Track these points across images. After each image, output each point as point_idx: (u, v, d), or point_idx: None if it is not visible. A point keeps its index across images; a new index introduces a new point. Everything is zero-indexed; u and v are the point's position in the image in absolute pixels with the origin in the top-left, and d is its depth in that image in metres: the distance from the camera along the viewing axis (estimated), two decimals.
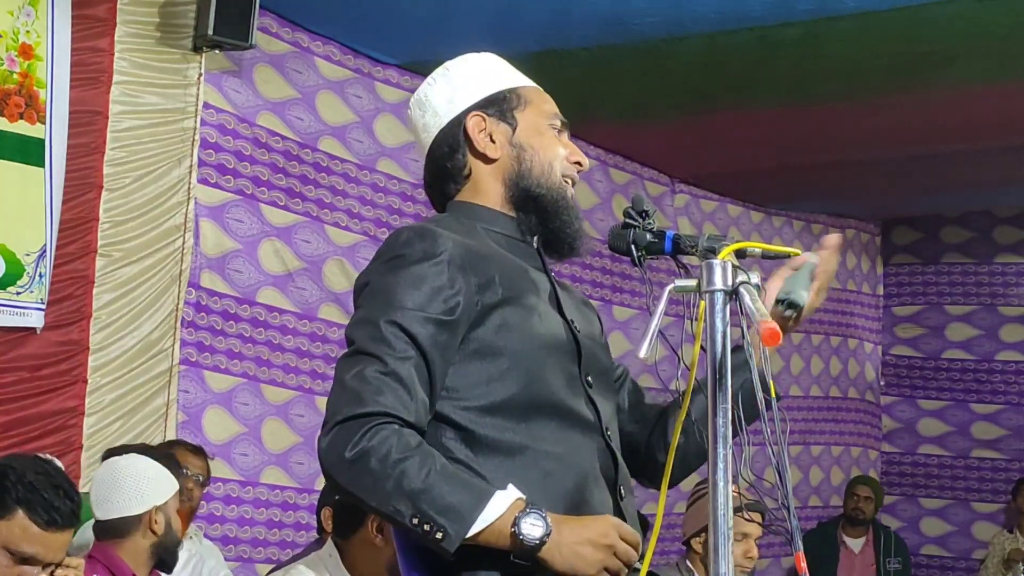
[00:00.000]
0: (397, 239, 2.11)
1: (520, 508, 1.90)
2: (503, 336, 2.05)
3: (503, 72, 2.32)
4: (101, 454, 4.36)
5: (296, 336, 5.62)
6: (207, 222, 5.26)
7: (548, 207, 2.21)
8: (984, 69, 5.82)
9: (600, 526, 1.94)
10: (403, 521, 1.89)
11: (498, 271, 2.08)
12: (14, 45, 4.51)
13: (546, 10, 5.21)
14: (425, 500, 1.87)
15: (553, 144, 2.25)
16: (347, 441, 1.91)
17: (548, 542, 1.89)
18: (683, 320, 1.95)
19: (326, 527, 4.16)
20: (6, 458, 3.23)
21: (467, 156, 2.24)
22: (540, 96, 2.30)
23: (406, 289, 2.02)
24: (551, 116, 2.27)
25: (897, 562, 7.96)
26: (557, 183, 2.22)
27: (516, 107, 2.25)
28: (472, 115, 2.24)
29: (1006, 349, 9.35)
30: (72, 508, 2.85)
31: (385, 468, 1.88)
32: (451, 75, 2.29)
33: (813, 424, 9.04)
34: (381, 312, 2.01)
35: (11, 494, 2.79)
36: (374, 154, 5.99)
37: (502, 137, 2.23)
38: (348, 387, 1.96)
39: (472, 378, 2.03)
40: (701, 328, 1.88)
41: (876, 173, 7.79)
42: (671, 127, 6.95)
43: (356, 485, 1.91)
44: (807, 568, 1.81)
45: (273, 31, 5.54)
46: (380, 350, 1.97)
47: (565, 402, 2.07)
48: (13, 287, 4.48)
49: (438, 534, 1.87)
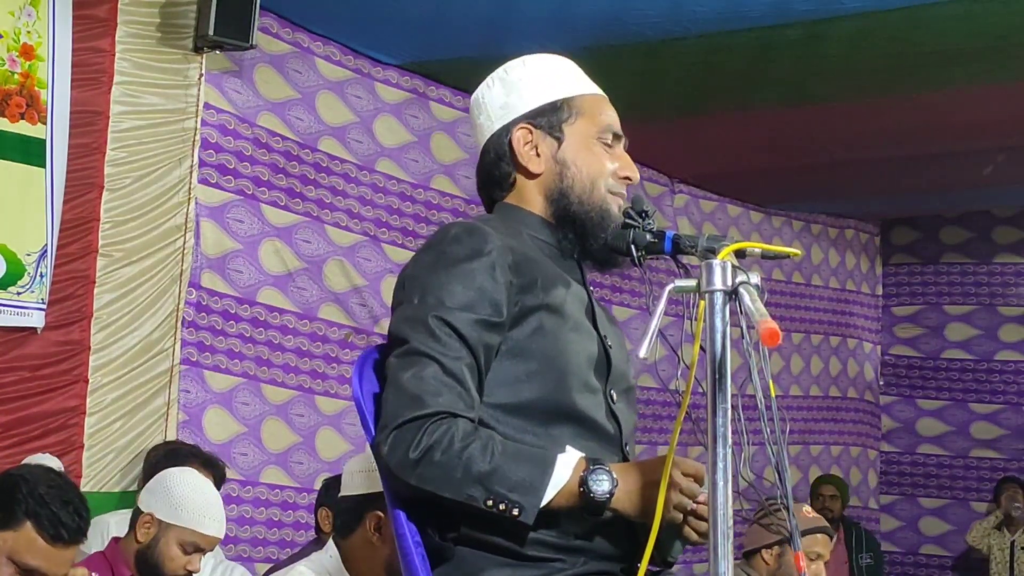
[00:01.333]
0: (447, 234, 2.11)
1: (584, 467, 1.95)
2: (537, 340, 2.06)
3: (560, 79, 2.27)
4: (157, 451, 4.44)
5: (296, 336, 5.62)
6: (208, 222, 5.26)
7: (587, 225, 2.18)
8: (984, 69, 5.82)
9: (661, 467, 1.97)
10: (478, 505, 1.92)
11: (540, 275, 2.10)
12: (15, 45, 4.51)
13: (545, 11, 5.22)
14: (496, 481, 1.91)
15: (599, 160, 2.21)
16: (409, 442, 1.93)
17: (616, 493, 1.94)
18: (683, 320, 1.95)
19: (323, 527, 4.16)
20: (19, 468, 3.24)
21: (512, 166, 2.23)
22: (596, 106, 2.25)
23: (455, 287, 2.03)
24: (603, 129, 2.23)
25: (869, 557, 8.00)
26: (599, 201, 2.18)
27: (566, 119, 2.22)
28: (519, 127, 2.22)
29: (1005, 349, 9.36)
30: (79, 524, 2.85)
31: (451, 458, 1.92)
32: (508, 79, 2.26)
33: (813, 424, 9.05)
34: (432, 309, 2.02)
35: (21, 506, 2.79)
36: (374, 154, 5.99)
37: (547, 151, 2.21)
38: (406, 389, 1.98)
39: (501, 377, 2.05)
40: (701, 328, 1.88)
41: (876, 173, 7.79)
42: (671, 127, 6.95)
43: (427, 480, 1.93)
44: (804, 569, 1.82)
45: (273, 31, 5.55)
46: (435, 350, 1.99)
47: (588, 412, 2.09)
48: (14, 287, 4.48)
49: (514, 511, 1.91)
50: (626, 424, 2.18)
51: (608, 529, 2.03)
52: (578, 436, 2.06)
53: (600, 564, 2.04)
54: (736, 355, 1.84)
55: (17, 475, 2.91)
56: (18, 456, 4.37)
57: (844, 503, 8.11)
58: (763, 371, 1.85)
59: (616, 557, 2.06)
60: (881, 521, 9.62)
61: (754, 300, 1.82)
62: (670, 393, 2.18)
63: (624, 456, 2.15)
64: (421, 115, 6.19)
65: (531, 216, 2.22)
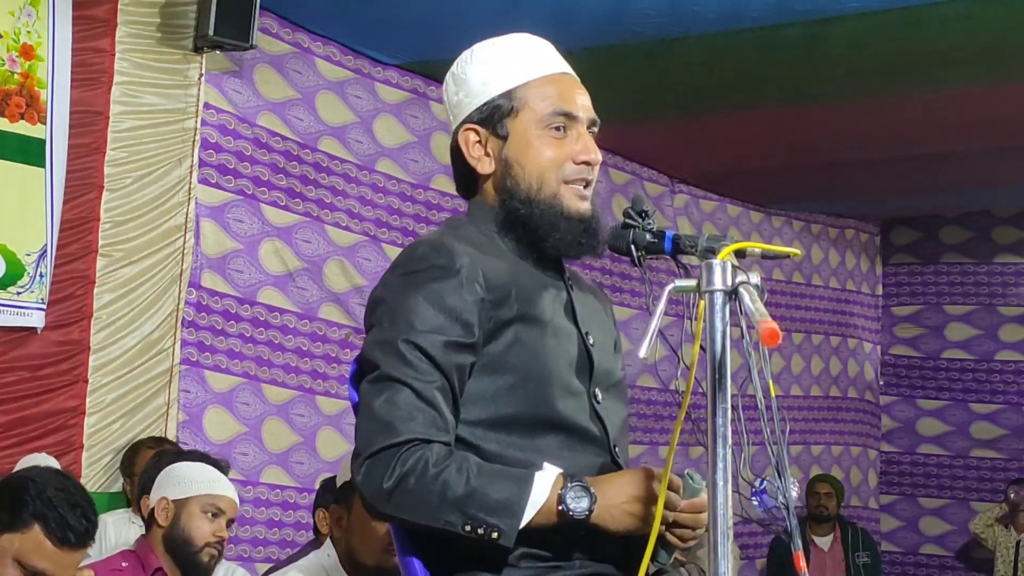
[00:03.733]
0: (413, 253, 2.07)
1: (562, 484, 1.93)
2: (514, 353, 2.04)
3: (505, 69, 2.16)
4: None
5: (296, 336, 5.63)
6: (208, 222, 5.26)
7: (538, 227, 2.11)
8: (984, 69, 5.82)
9: (640, 480, 1.96)
10: (456, 531, 1.90)
11: (514, 286, 2.06)
12: (15, 45, 4.51)
13: (546, 10, 5.22)
14: (473, 505, 1.89)
15: (544, 152, 2.11)
16: (383, 472, 1.91)
17: (596, 509, 1.92)
18: (683, 320, 1.95)
19: (321, 529, 4.15)
20: (29, 469, 3.25)
21: (466, 167, 2.18)
22: (542, 91, 2.13)
23: (425, 309, 1.99)
24: (549, 115, 2.12)
25: (866, 556, 8.01)
26: (548, 198, 2.10)
27: (508, 115, 2.13)
28: (466, 127, 2.16)
29: (1005, 349, 9.36)
30: (87, 528, 2.84)
31: (426, 485, 1.89)
32: (457, 73, 2.21)
33: (813, 424, 9.05)
34: (402, 333, 1.98)
35: (29, 508, 2.79)
36: (374, 154, 5.99)
37: (495, 150, 2.15)
38: (378, 416, 1.95)
39: (481, 392, 2.02)
40: (701, 328, 1.88)
41: (876, 173, 7.79)
42: (671, 127, 6.95)
43: (402, 509, 1.91)
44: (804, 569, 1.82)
45: (274, 32, 5.55)
46: (407, 375, 1.96)
47: (572, 418, 2.06)
48: (14, 287, 4.48)
49: (493, 534, 1.89)
50: (612, 424, 2.13)
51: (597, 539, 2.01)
52: (564, 444, 2.04)
53: (596, 567, 2.02)
54: (736, 355, 1.84)
55: (26, 476, 2.91)
56: (18, 456, 4.37)
57: (840, 502, 8.12)
58: (763, 371, 1.84)
59: (608, 561, 2.05)
60: (881, 521, 9.62)
61: (754, 300, 1.82)
62: (670, 393, 2.17)
63: (613, 457, 2.12)
64: (421, 115, 6.19)
65: (498, 214, 2.16)
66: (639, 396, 7.48)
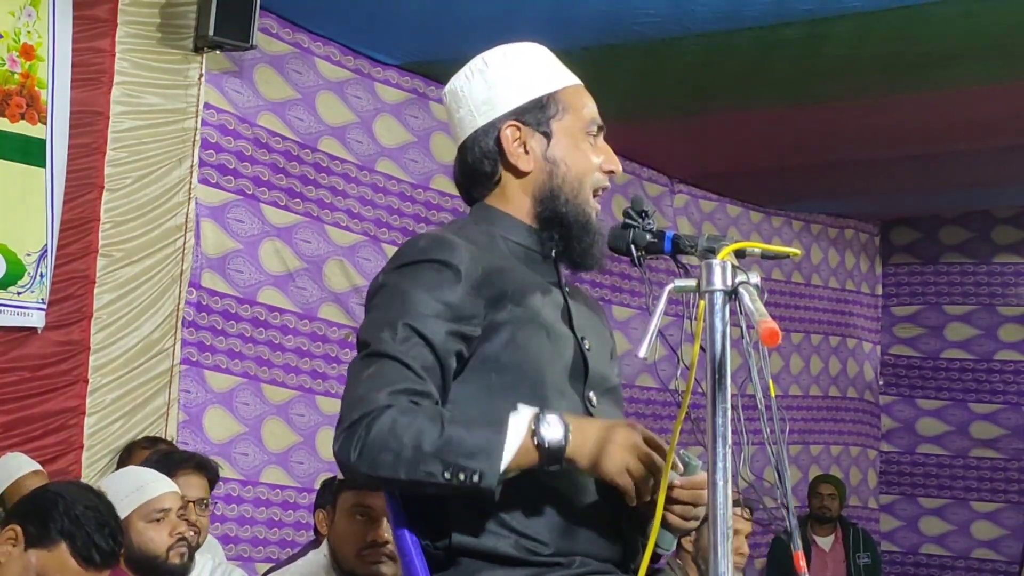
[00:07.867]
0: (415, 245, 2.09)
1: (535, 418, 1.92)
2: (509, 352, 2.04)
3: (543, 71, 2.22)
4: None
5: (296, 336, 5.63)
6: (208, 222, 5.27)
7: (573, 227, 2.16)
8: (984, 69, 5.82)
9: (624, 429, 1.96)
10: (437, 480, 1.88)
11: (511, 286, 2.07)
12: (15, 46, 4.51)
13: (546, 10, 5.22)
14: (450, 452, 1.88)
15: (587, 157, 2.19)
16: (361, 435, 1.90)
17: (571, 440, 1.92)
18: (683, 320, 1.95)
19: (321, 529, 4.16)
20: (58, 484, 3.21)
21: (498, 165, 2.19)
22: (579, 99, 2.21)
23: (421, 295, 2.01)
24: (588, 123, 2.20)
25: (867, 556, 8.01)
26: (583, 202, 2.17)
27: (553, 115, 2.18)
28: (508, 124, 2.17)
29: (1005, 349, 9.36)
30: (113, 548, 2.81)
31: (399, 439, 1.89)
32: (488, 73, 2.21)
33: (812, 424, 9.05)
34: (397, 315, 2.00)
35: (56, 524, 2.76)
36: (374, 154, 5.99)
37: (537, 149, 2.18)
38: (359, 388, 1.95)
39: (472, 391, 2.03)
40: (700, 328, 1.88)
41: (875, 173, 7.79)
42: (671, 127, 6.95)
43: (378, 468, 1.90)
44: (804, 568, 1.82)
45: (274, 32, 5.55)
46: (395, 349, 1.97)
47: None
48: (14, 287, 4.48)
49: (474, 477, 1.88)
50: None
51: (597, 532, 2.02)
52: None
53: (596, 565, 2.02)
54: (736, 355, 1.84)
55: (55, 492, 2.88)
56: None
57: (842, 502, 8.12)
58: (763, 371, 1.84)
59: (608, 561, 2.05)
60: (881, 521, 9.62)
61: (754, 300, 1.82)
62: (670, 393, 2.18)
63: None
64: (421, 115, 6.19)
65: (508, 219, 2.19)
66: (638, 396, 7.48)
